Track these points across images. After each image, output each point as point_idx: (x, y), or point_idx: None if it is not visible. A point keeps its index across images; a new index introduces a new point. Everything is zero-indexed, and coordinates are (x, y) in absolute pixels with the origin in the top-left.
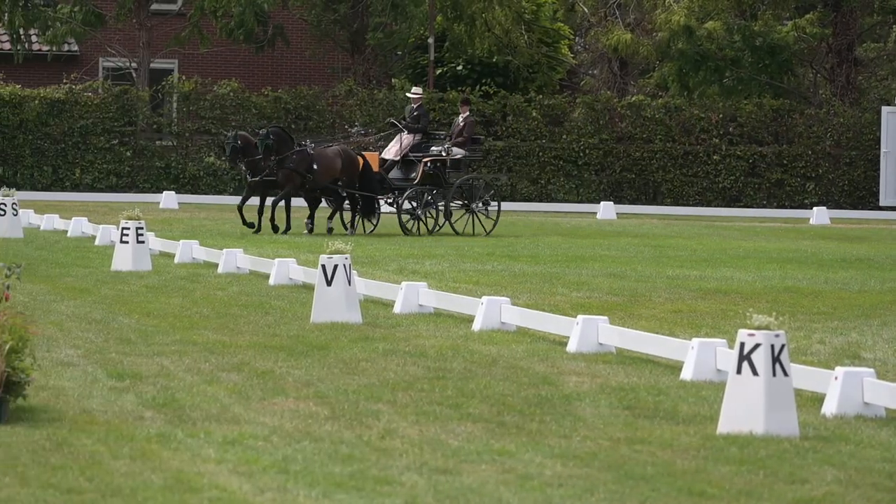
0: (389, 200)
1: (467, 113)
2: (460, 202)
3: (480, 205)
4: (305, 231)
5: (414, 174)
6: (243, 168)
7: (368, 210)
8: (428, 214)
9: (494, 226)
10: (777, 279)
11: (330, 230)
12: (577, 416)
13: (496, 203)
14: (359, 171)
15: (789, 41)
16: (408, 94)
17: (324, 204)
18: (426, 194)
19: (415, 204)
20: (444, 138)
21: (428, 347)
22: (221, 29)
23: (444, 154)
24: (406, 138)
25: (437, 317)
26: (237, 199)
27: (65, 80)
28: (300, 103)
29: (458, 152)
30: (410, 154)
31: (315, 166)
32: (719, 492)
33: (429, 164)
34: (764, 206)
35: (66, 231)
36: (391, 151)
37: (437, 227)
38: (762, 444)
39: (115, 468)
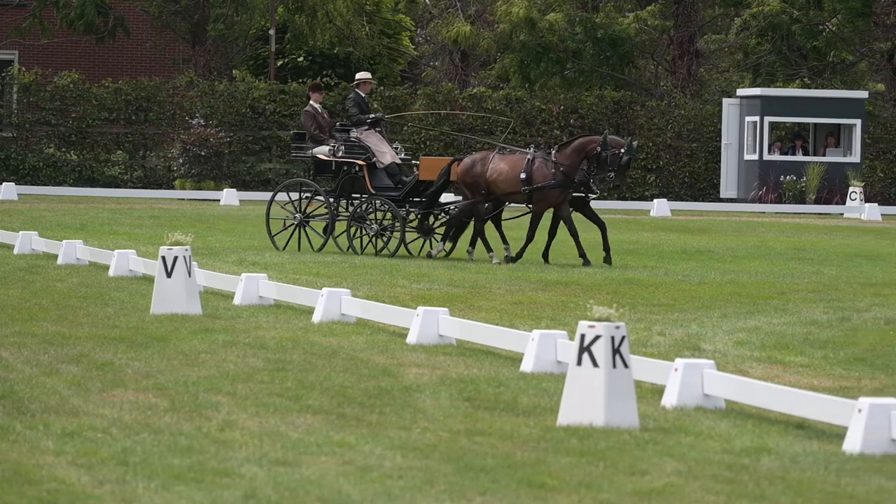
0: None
1: None
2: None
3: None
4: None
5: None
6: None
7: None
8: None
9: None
10: (617, 271)
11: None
12: (417, 408)
13: None
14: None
15: (631, 33)
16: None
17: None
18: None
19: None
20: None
21: (268, 339)
22: (62, 19)
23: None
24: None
25: (278, 308)
26: (78, 191)
27: None
28: (141, 94)
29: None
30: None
31: None
32: (559, 483)
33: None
34: (604, 198)
35: None
36: (389, 153)
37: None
38: (602, 436)
39: None
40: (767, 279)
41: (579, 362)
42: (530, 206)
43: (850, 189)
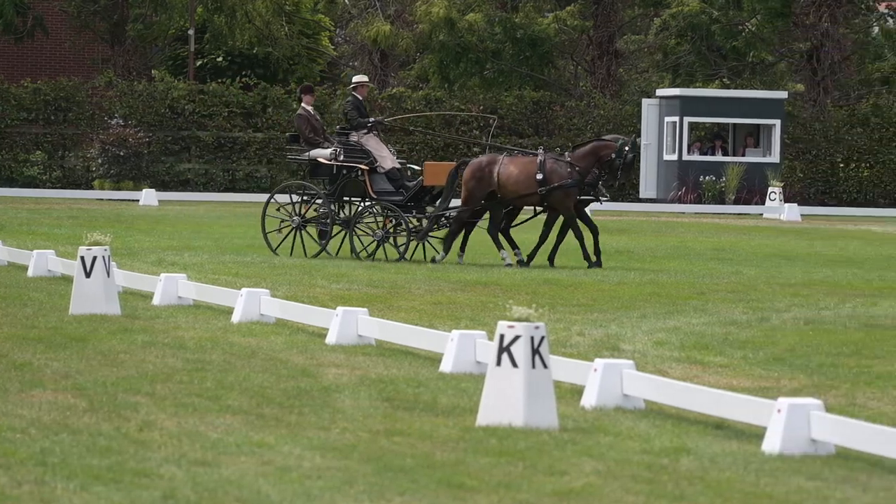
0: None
1: None
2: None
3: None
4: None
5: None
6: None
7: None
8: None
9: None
10: (537, 271)
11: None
12: (336, 408)
13: None
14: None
15: (550, 33)
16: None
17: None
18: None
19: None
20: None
21: (187, 339)
22: None
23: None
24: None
25: (197, 308)
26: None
27: None
28: (60, 94)
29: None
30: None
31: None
32: (478, 483)
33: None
34: None
35: None
36: (389, 158)
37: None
38: (521, 436)
39: None
40: (687, 279)
41: (499, 362)
42: (543, 207)
43: (770, 189)
